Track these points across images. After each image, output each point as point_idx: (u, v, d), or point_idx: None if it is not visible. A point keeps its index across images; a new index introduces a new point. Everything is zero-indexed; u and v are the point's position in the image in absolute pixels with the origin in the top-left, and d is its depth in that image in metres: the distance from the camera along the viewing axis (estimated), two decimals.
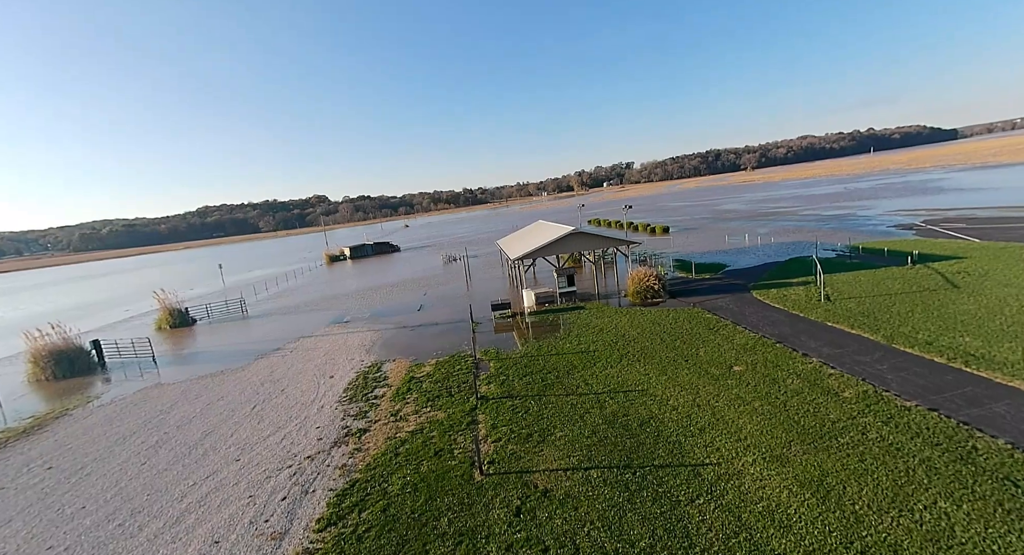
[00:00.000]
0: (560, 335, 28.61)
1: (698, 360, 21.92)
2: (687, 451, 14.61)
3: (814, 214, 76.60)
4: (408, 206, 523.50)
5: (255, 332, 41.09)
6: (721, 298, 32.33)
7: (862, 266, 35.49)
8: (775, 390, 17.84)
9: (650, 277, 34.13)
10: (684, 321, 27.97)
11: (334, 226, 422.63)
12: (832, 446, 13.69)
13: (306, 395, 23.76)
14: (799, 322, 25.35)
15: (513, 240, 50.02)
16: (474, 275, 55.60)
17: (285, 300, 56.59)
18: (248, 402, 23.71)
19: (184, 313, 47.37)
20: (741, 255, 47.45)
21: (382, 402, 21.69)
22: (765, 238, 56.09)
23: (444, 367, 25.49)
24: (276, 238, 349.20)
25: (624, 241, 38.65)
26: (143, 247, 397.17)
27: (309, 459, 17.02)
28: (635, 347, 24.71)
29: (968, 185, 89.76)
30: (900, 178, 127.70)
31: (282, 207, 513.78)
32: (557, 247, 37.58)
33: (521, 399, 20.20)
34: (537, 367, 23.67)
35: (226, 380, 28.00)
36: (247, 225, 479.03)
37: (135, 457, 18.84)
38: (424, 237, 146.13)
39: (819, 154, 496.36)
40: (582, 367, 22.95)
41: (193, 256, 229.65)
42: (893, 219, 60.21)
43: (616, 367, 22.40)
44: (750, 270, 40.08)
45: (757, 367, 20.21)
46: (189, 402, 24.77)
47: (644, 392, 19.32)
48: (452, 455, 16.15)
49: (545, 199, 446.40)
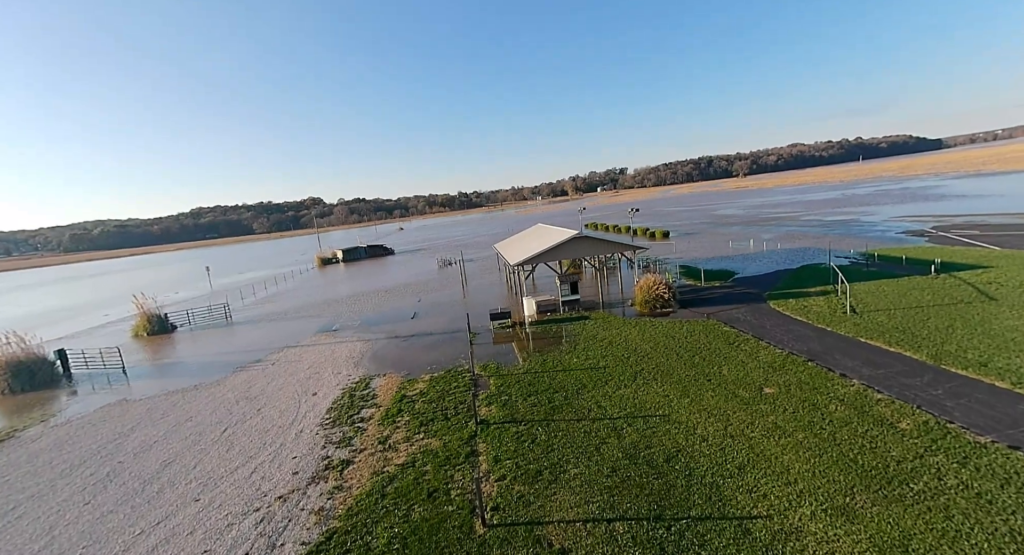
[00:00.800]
0: (565, 348, 26.33)
1: (722, 380, 19.71)
2: (728, 498, 12.35)
3: (816, 219, 75.03)
4: (403, 209, 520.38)
5: (237, 341, 38.46)
6: (736, 308, 30.20)
7: (881, 275, 33.52)
8: (818, 418, 15.64)
9: (660, 285, 31.96)
10: (700, 334, 25.78)
11: (328, 228, 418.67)
12: (906, 495, 11.48)
13: (285, 416, 21.28)
14: (827, 337, 23.22)
15: (512, 244, 47.76)
16: (470, 280, 53.27)
17: (272, 305, 53.92)
18: (219, 424, 21.18)
19: (163, 319, 44.62)
20: (748, 262, 45.46)
21: (369, 426, 19.27)
22: (771, 244, 54.19)
23: (439, 384, 23.11)
24: (269, 240, 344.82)
25: (630, 246, 36.51)
26: (135, 248, 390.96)
27: (281, 500, 14.56)
28: (650, 363, 22.47)
29: (968, 192, 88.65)
30: (896, 185, 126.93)
31: (276, 209, 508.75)
32: (559, 252, 35.37)
33: (527, 424, 17.87)
34: (542, 385, 21.36)
35: (198, 396, 25.42)
36: (241, 226, 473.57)
37: (79, 494, 16.29)
38: (419, 240, 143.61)
39: (809, 162, 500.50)
40: (592, 386, 20.67)
41: (184, 257, 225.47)
42: (900, 225, 58.58)
43: (631, 387, 20.14)
44: (761, 278, 38.04)
45: (791, 389, 18.02)
46: (154, 423, 22.19)
47: (666, 418, 17.05)
48: (449, 497, 13.78)
49: (540, 203, 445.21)
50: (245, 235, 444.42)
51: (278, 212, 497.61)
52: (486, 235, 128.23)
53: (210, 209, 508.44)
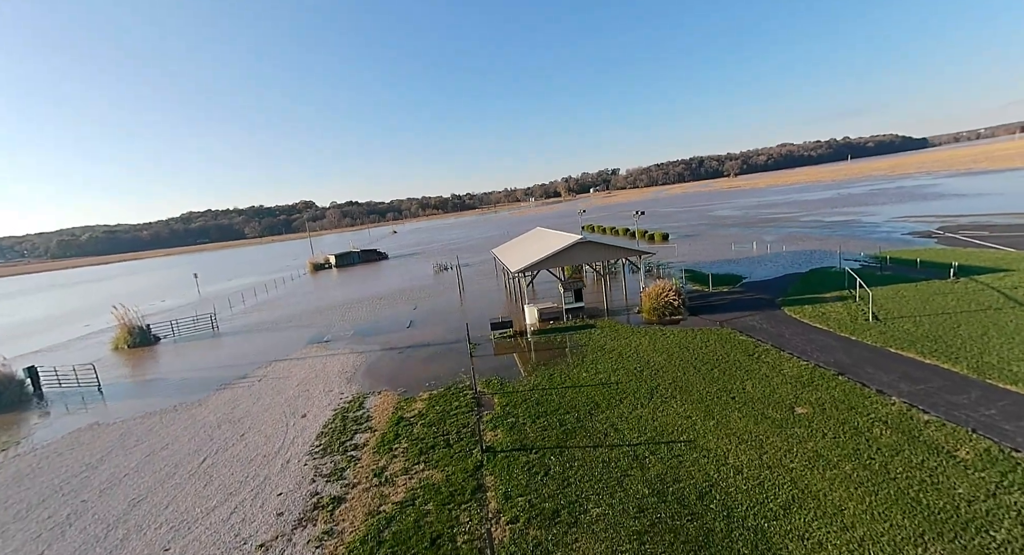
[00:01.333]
0: (572, 361, 24.72)
1: (748, 397, 18.17)
2: (778, 546, 10.75)
3: (816, 220, 74.13)
4: (396, 212, 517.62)
5: (223, 354, 36.47)
6: (750, 316, 28.74)
7: (897, 279, 32.23)
8: (863, 445, 14.12)
9: (668, 292, 30.45)
10: (716, 345, 24.27)
11: (321, 232, 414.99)
12: (988, 548, 9.93)
13: (271, 442, 19.45)
14: (854, 347, 21.78)
15: (511, 249, 46.14)
16: (467, 286, 51.56)
17: (262, 314, 51.86)
18: (197, 453, 19.31)
19: (145, 331, 42.49)
20: (754, 265, 44.15)
21: (363, 455, 17.51)
22: (774, 246, 52.97)
23: (439, 403, 21.40)
24: (261, 244, 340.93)
25: (636, 251, 35.02)
26: (123, 254, 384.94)
27: (262, 550, 12.79)
28: (665, 378, 20.90)
29: (965, 191, 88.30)
30: (890, 184, 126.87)
31: (268, 213, 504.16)
32: (562, 258, 33.79)
33: (538, 453, 16.20)
34: (551, 405, 19.71)
35: (177, 419, 23.50)
36: (232, 231, 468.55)
37: (33, 542, 14.39)
38: (413, 243, 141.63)
39: (798, 161, 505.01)
40: (606, 405, 19.05)
41: (173, 263, 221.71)
42: (904, 226, 57.65)
43: (648, 406, 18.54)
44: (771, 283, 36.68)
45: (826, 409, 16.50)
46: (126, 451, 20.26)
47: (692, 444, 15.46)
48: (455, 545, 12.08)
49: (533, 204, 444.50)
50: (236, 239, 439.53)
51: (270, 216, 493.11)
52: (481, 238, 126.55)
53: (201, 214, 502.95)
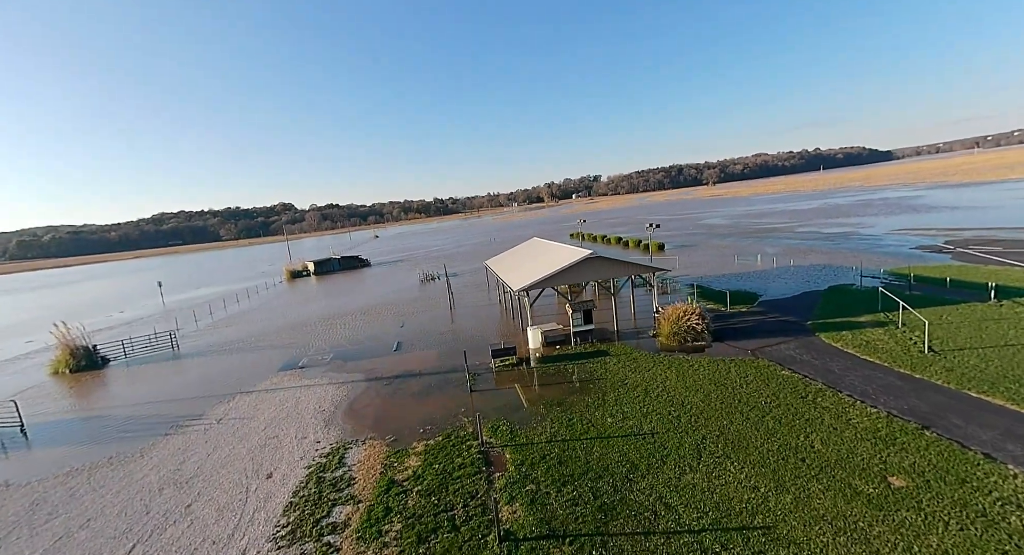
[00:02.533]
0: (592, 399, 21.18)
1: (821, 459, 14.86)
2: None
3: (812, 231, 72.67)
4: (378, 215, 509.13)
5: (181, 382, 31.77)
6: (782, 343, 25.70)
7: (931, 300, 29.69)
8: (1005, 541, 10.88)
9: (691, 315, 27.22)
10: (757, 382, 21.04)
11: (300, 235, 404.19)
12: None
13: (224, 519, 15.27)
14: (924, 389, 18.76)
15: (507, 262, 42.48)
16: (457, 300, 47.67)
17: (231, 330, 46.93)
18: (126, 535, 14.98)
19: (91, 352, 37.28)
20: (765, 281, 41.51)
21: (344, 542, 13.54)
22: (781, 259, 50.60)
23: (438, 458, 17.56)
24: (238, 247, 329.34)
25: (650, 267, 31.79)
26: (88, 256, 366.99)
27: None
28: (711, 428, 17.51)
29: (954, 203, 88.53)
30: (872, 195, 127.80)
31: (245, 215, 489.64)
32: (569, 275, 30.34)
33: (572, 542, 12.54)
34: (577, 464, 16.09)
35: (110, 478, 19.01)
36: (207, 233, 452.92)
37: None
38: (396, 249, 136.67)
39: (773, 170, 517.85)
40: (647, 467, 15.53)
41: (141, 267, 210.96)
42: (907, 239, 56.16)
43: (699, 470, 15.08)
44: (791, 302, 33.91)
45: (930, 482, 13.27)
46: (32, 533, 15.77)
47: (773, 534, 12.02)
48: None
49: (516, 210, 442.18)
50: (211, 242, 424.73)
51: (247, 218, 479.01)
52: (469, 245, 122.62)
53: (174, 215, 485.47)
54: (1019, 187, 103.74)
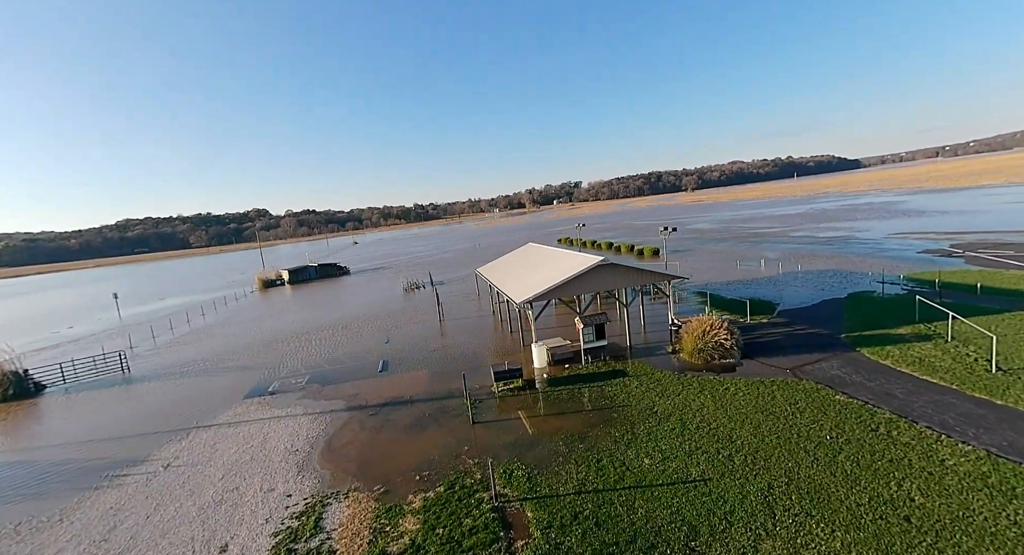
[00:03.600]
0: (619, 432, 17.88)
1: (933, 521, 11.82)
2: None
3: (807, 236, 71.40)
4: (357, 221, 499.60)
5: (126, 413, 27.16)
6: (822, 360, 22.90)
7: (970, 310, 27.18)
8: None
9: (719, 330, 24.22)
10: (810, 409, 18.05)
11: (275, 242, 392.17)
12: None
13: None
14: (1015, 419, 15.97)
15: (502, 270, 39.03)
16: (447, 311, 43.96)
17: (192, 347, 42.11)
18: None
19: (22, 378, 32.14)
20: (775, 287, 39.15)
21: None
22: (786, 265, 48.54)
23: (442, 519, 13.92)
24: (208, 255, 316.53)
25: (668, 275, 28.81)
26: (44, 265, 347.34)
27: None
28: (774, 471, 14.35)
29: (940, 208, 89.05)
30: (855, 200, 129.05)
31: (217, 221, 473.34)
32: (578, 284, 27.09)
33: None
34: (620, 527, 12.71)
35: None
36: (175, 240, 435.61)
37: None
38: (376, 256, 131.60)
39: (748, 177, 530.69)
40: (709, 530, 12.25)
41: (101, 276, 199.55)
42: (908, 243, 54.91)
43: (779, 536, 11.87)
44: (813, 311, 31.40)
45: None
46: None
47: None
48: None
49: (497, 215, 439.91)
50: (180, 249, 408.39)
51: (218, 224, 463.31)
52: (453, 251, 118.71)
53: (140, 221, 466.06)
54: (998, 192, 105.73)
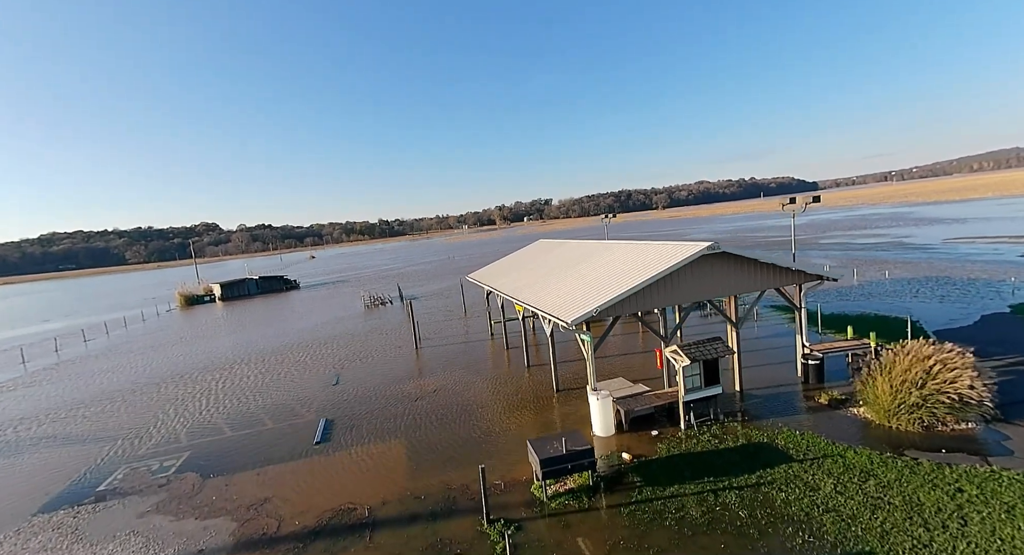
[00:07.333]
0: None
1: None
2: None
3: (842, 243, 62.89)
4: (316, 236, 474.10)
5: None
6: None
7: None
8: None
9: (954, 371, 12.99)
10: None
11: (224, 257, 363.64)
12: None
13: None
14: None
15: (513, 275, 26.88)
16: (423, 333, 31.33)
17: (32, 393, 27.45)
18: None
19: None
20: (874, 299, 29.17)
21: None
22: (862, 272, 38.99)
23: None
24: (146, 271, 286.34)
25: (803, 273, 17.66)
26: None
27: None
28: None
29: (951, 216, 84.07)
30: (855, 212, 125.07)
31: (159, 235, 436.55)
32: (664, 289, 15.50)
33: None
34: None
35: None
36: (109, 255, 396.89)
37: None
38: (334, 270, 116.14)
39: (715, 197, 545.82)
40: None
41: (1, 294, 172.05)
42: (978, 248, 46.08)
43: None
44: (975, 333, 21.17)
45: None
46: None
47: None
48: None
49: (466, 232, 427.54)
50: (115, 265, 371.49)
51: (161, 238, 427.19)
52: (423, 263, 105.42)
53: (68, 235, 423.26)
54: (1005, 202, 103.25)
